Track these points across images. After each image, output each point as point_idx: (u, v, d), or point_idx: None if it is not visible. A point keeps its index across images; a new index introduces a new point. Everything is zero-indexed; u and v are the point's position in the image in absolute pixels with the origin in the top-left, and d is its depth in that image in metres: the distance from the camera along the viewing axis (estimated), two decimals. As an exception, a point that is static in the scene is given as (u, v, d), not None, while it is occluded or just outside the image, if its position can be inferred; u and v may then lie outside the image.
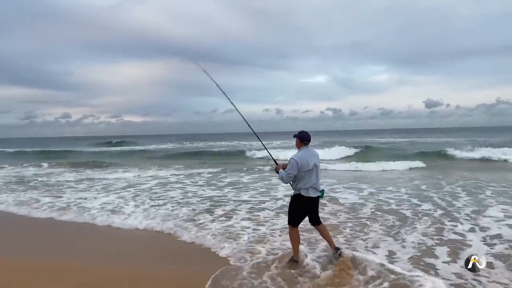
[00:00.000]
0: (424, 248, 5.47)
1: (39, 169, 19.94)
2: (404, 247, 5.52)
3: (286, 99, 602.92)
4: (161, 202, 9.34)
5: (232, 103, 5.55)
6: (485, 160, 19.95)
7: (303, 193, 4.65)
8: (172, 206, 8.78)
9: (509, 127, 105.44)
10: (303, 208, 4.75)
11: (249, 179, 13.55)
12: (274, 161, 5.16)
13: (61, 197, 10.45)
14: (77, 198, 10.14)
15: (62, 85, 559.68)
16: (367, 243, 5.74)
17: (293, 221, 4.79)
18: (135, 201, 9.56)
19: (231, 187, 11.59)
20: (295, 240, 4.82)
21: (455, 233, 6.15)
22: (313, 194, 4.65)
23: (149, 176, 15.19)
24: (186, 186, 12.14)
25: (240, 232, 6.46)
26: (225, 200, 9.41)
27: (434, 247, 5.45)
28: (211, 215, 7.77)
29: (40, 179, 15.08)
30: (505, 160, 19.06)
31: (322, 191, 4.76)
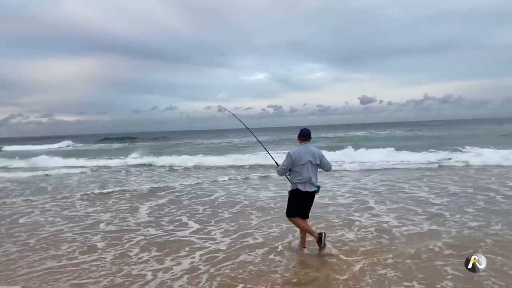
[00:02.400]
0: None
1: None
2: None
3: (228, 97, 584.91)
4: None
5: (259, 141, 6.50)
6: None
7: (300, 187, 4.81)
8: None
9: (435, 121, 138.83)
10: (300, 201, 4.89)
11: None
12: (276, 163, 5.44)
13: None
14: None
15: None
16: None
17: (291, 213, 4.96)
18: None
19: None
20: (301, 224, 4.98)
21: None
22: (309, 188, 4.81)
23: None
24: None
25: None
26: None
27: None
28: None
29: None
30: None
31: (318, 187, 4.94)
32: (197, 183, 11.86)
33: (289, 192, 5.00)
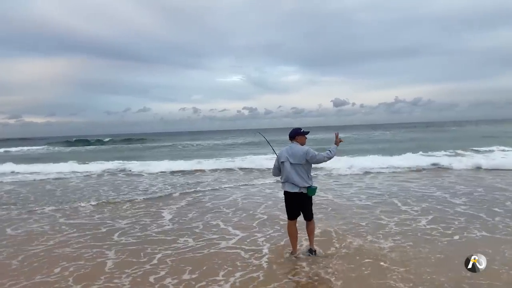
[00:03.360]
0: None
1: None
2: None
3: (203, 98, 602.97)
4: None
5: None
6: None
7: (281, 187, 4.80)
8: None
9: (404, 123, 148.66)
10: (286, 202, 4.80)
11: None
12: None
13: None
14: None
15: None
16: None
17: (287, 214, 4.85)
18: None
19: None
20: (288, 233, 4.88)
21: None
22: (289, 189, 4.64)
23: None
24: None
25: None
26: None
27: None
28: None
29: None
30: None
31: (311, 189, 4.62)
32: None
33: None
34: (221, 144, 41.39)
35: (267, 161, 15.17)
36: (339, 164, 13.42)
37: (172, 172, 14.69)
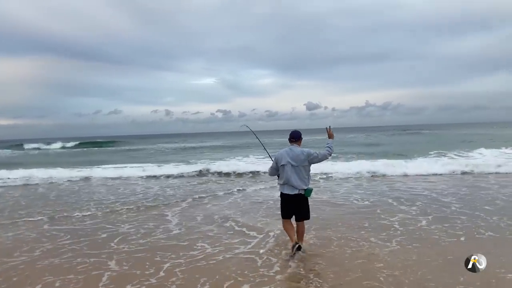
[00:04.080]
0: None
1: None
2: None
3: (175, 101, 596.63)
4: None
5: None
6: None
7: (279, 189, 4.83)
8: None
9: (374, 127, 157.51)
10: (282, 203, 4.84)
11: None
12: (271, 157, 5.23)
13: None
14: None
15: None
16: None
17: (282, 214, 4.92)
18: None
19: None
20: (285, 229, 4.97)
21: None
22: (288, 191, 4.66)
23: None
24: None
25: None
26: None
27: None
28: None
29: None
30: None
31: (308, 191, 4.67)
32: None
33: None
34: (198, 147, 40.65)
35: (250, 164, 15.16)
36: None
37: (146, 177, 13.86)
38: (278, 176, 4.88)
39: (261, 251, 5.15)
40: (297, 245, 4.72)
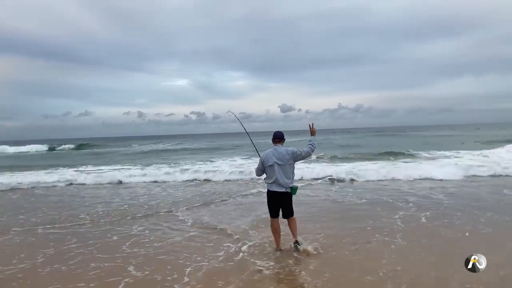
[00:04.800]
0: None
1: None
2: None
3: (148, 102, 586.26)
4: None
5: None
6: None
7: (267, 187, 4.98)
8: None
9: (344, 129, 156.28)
10: (270, 201, 4.99)
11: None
12: (259, 154, 5.24)
13: None
14: None
15: None
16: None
17: (270, 213, 5.05)
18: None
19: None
20: (272, 230, 5.11)
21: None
22: (276, 189, 4.86)
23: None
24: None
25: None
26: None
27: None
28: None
29: None
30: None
31: (294, 188, 4.88)
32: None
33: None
34: (172, 149, 39.57)
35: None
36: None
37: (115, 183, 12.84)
38: (265, 176, 5.06)
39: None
40: (295, 243, 4.96)
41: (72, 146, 50.04)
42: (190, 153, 31.18)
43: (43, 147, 49.06)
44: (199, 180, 12.94)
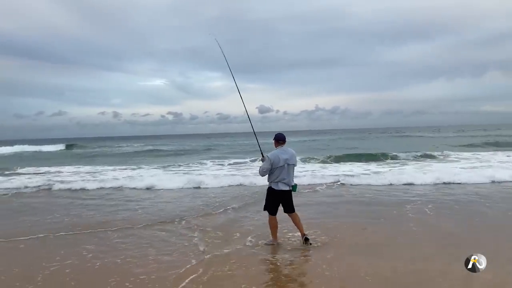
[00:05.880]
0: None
1: None
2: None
3: (124, 102, 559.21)
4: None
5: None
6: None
7: (273, 186, 5.22)
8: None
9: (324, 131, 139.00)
10: (275, 199, 5.28)
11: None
12: (262, 153, 5.52)
13: None
14: None
15: None
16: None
17: (269, 210, 5.35)
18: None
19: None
20: (272, 226, 5.41)
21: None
22: (283, 187, 5.19)
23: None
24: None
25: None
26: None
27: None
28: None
29: None
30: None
31: (295, 186, 5.26)
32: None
33: (267, 189, 5.42)
34: (155, 150, 37.22)
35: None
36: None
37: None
38: (271, 176, 5.27)
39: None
40: (304, 238, 5.31)
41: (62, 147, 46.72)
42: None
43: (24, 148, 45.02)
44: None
